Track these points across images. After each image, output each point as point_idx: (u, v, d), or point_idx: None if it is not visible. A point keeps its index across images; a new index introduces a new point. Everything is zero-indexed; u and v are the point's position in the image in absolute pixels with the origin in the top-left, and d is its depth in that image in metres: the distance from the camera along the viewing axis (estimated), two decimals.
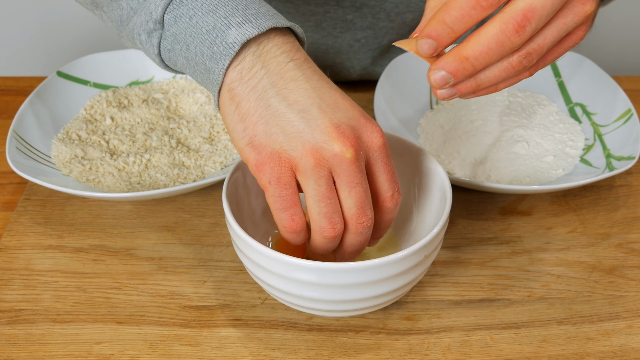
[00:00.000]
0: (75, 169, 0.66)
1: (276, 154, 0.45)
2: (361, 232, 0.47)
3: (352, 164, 0.45)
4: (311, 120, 0.45)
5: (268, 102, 0.45)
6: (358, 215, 0.46)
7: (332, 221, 0.46)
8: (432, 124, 0.73)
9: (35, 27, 1.43)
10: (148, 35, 0.49)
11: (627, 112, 0.69)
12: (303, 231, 0.47)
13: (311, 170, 0.45)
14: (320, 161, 0.44)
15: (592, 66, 0.76)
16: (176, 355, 0.52)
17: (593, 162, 0.67)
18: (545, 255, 0.60)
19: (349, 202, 0.46)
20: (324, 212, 0.46)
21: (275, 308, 0.55)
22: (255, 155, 0.46)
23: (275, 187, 0.45)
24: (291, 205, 0.46)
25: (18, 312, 0.55)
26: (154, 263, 0.59)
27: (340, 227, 0.46)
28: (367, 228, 0.47)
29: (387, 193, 0.48)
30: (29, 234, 0.62)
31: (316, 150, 0.44)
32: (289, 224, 0.46)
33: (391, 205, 0.48)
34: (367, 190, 0.46)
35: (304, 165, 0.45)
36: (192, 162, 0.67)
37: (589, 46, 1.52)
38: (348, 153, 0.44)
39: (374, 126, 0.46)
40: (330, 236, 0.46)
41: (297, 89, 0.45)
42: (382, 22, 0.77)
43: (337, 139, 0.44)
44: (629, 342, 0.53)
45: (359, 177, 0.45)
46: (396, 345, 0.53)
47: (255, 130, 0.46)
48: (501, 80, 0.47)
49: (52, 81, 0.73)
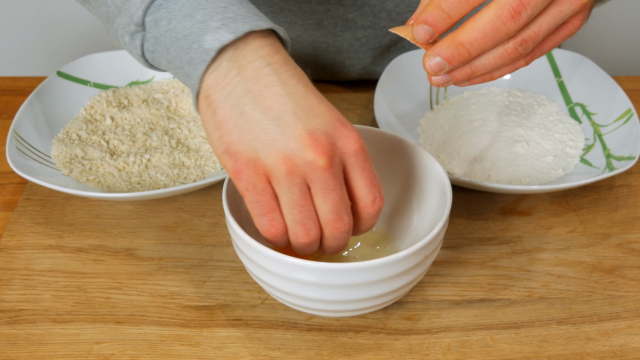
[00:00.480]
0: (75, 169, 0.66)
1: (252, 162, 0.45)
2: (338, 237, 0.47)
3: (325, 171, 0.44)
4: (285, 128, 0.44)
5: (243, 110, 0.45)
6: (334, 221, 0.46)
7: (306, 228, 0.46)
8: (432, 124, 0.73)
9: (35, 27, 1.43)
10: (131, 37, 0.49)
11: (627, 112, 0.69)
12: (284, 235, 0.47)
13: (284, 178, 0.44)
14: (292, 169, 0.44)
15: (592, 66, 0.76)
16: (176, 355, 0.52)
17: (593, 162, 0.67)
18: (545, 255, 0.60)
19: (324, 209, 0.45)
20: (297, 219, 0.45)
21: (275, 308, 0.55)
22: (232, 163, 0.46)
23: (252, 193, 0.45)
24: (269, 211, 0.46)
25: (18, 312, 0.55)
26: (154, 263, 0.59)
27: (315, 233, 0.46)
28: (344, 233, 0.47)
29: (367, 199, 0.47)
30: (29, 234, 0.62)
31: (288, 158, 0.44)
32: (268, 229, 0.46)
33: (372, 211, 0.47)
34: (343, 196, 0.46)
35: (276, 173, 0.44)
36: (192, 162, 0.67)
37: (589, 46, 1.52)
38: (320, 160, 0.44)
39: (350, 131, 0.46)
40: (305, 242, 0.46)
41: (272, 95, 0.45)
42: (383, 21, 0.77)
43: (310, 146, 0.44)
44: (629, 342, 0.53)
45: (334, 184, 0.45)
46: (396, 345, 0.53)
47: (230, 138, 0.46)
48: (496, 67, 0.46)
49: (52, 81, 0.73)
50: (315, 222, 0.46)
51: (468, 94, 0.77)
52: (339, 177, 0.45)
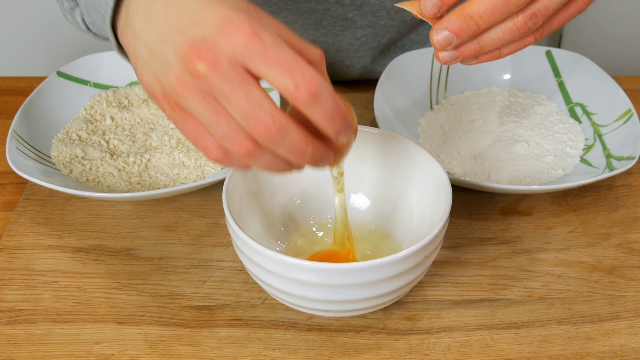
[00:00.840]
0: (75, 169, 0.66)
1: (164, 95, 0.43)
2: (278, 142, 0.41)
3: (211, 77, 0.40)
4: (170, 49, 0.42)
5: (140, 47, 0.44)
6: (253, 126, 0.40)
7: (235, 141, 0.41)
8: (432, 124, 0.73)
9: (35, 27, 1.43)
10: (72, 15, 0.49)
11: (627, 112, 0.69)
12: (226, 155, 0.43)
13: (186, 100, 0.42)
14: (186, 88, 0.41)
15: (592, 66, 0.76)
16: (176, 355, 0.52)
17: (593, 162, 0.67)
18: (545, 255, 0.60)
19: (237, 117, 0.41)
20: (221, 136, 0.41)
21: (275, 308, 0.55)
22: (156, 104, 0.44)
23: (179, 125, 0.43)
24: (199, 137, 0.43)
25: (18, 312, 0.55)
26: (154, 263, 0.59)
27: (249, 143, 0.41)
28: (277, 135, 0.40)
29: (287, 87, 0.40)
30: (29, 234, 0.62)
31: (180, 79, 0.42)
32: (208, 154, 0.43)
33: (302, 96, 0.40)
34: (248, 96, 0.40)
35: (179, 98, 0.42)
36: (192, 162, 0.67)
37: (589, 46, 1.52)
38: (201, 68, 0.40)
39: (234, 25, 0.40)
40: (243, 154, 0.41)
41: (158, 19, 0.43)
42: (383, 20, 0.77)
43: (190, 57, 0.40)
44: (629, 342, 0.53)
45: (229, 88, 0.40)
46: (396, 345, 0.53)
47: (144, 81, 0.44)
48: (505, 43, 0.45)
49: (52, 81, 0.73)
50: (243, 132, 0.41)
51: (468, 94, 0.77)
52: (234, 79, 0.40)
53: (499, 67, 0.79)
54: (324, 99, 0.40)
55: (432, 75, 0.77)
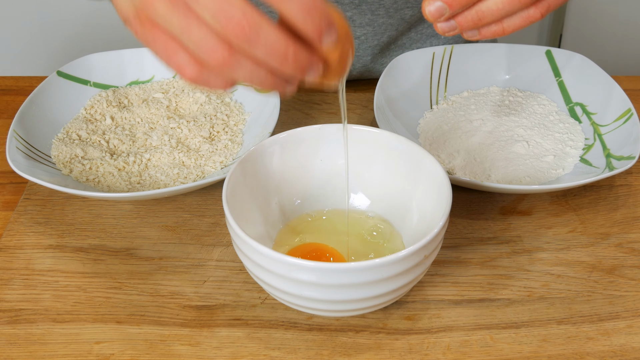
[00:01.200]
0: (75, 169, 0.66)
1: (134, 14, 0.42)
2: (253, 40, 0.38)
3: None
4: None
5: None
6: (224, 25, 0.38)
7: (208, 48, 0.39)
8: (432, 124, 0.73)
9: (35, 27, 1.43)
10: None
11: (627, 111, 0.69)
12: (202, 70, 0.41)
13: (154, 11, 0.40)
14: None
15: (592, 66, 0.76)
16: (176, 355, 0.52)
17: (593, 162, 0.67)
18: (545, 255, 0.60)
19: (207, 18, 0.38)
20: (195, 44, 0.39)
21: (275, 308, 0.55)
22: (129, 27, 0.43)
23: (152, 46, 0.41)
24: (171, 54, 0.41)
25: (18, 312, 0.55)
26: (154, 263, 0.59)
27: (223, 50, 0.39)
28: (251, 33, 0.38)
29: None
30: (29, 233, 0.62)
31: None
32: (182, 73, 0.41)
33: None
34: None
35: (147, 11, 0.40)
36: (192, 162, 0.67)
37: (589, 46, 1.52)
38: None
39: None
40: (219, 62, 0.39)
41: None
42: (381, 18, 0.77)
43: None
44: (629, 342, 0.53)
45: None
46: (396, 345, 0.53)
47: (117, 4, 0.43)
48: (505, 14, 0.44)
49: (52, 81, 0.73)
50: (217, 39, 0.39)
51: (468, 94, 0.77)
52: None
53: (498, 66, 0.79)
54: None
55: (432, 75, 0.77)
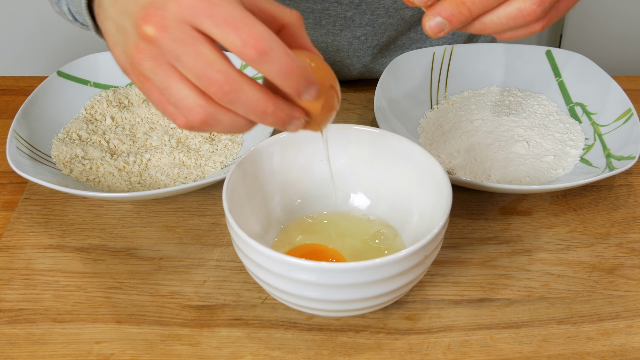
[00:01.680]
0: (76, 169, 0.66)
1: (130, 67, 0.43)
2: (233, 100, 0.40)
3: (159, 39, 0.40)
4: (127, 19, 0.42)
5: (109, 23, 0.44)
6: (206, 86, 0.40)
7: (187, 108, 0.41)
8: (432, 124, 0.73)
9: (35, 27, 1.43)
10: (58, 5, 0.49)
11: (627, 111, 0.69)
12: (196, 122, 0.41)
13: (142, 68, 0.42)
14: (142, 54, 0.41)
15: (592, 66, 0.76)
16: (176, 355, 0.52)
17: (593, 162, 0.67)
18: (545, 255, 0.60)
19: (191, 77, 0.40)
20: (174, 103, 0.41)
21: (275, 308, 0.55)
22: (128, 77, 0.44)
23: (147, 96, 0.43)
24: (164, 106, 0.42)
25: (18, 312, 0.55)
26: (154, 263, 0.59)
27: (201, 110, 0.41)
28: (232, 93, 0.40)
29: (235, 45, 0.39)
30: (29, 233, 0.62)
31: (136, 46, 0.41)
32: (175, 122, 0.42)
33: (250, 54, 0.39)
34: (198, 56, 0.40)
35: (139, 67, 0.42)
36: (192, 162, 0.67)
37: (589, 46, 1.52)
38: (148, 30, 0.40)
39: None
40: (198, 121, 0.41)
41: None
42: (381, 18, 0.77)
43: (139, 22, 0.40)
44: (629, 342, 0.53)
45: (179, 48, 0.40)
46: (396, 345, 0.53)
47: (114, 55, 0.45)
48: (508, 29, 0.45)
49: (52, 81, 0.73)
50: (196, 98, 0.41)
51: (468, 94, 0.77)
52: (183, 39, 0.40)
53: (499, 66, 0.79)
54: (274, 56, 0.39)
55: (432, 75, 0.77)
